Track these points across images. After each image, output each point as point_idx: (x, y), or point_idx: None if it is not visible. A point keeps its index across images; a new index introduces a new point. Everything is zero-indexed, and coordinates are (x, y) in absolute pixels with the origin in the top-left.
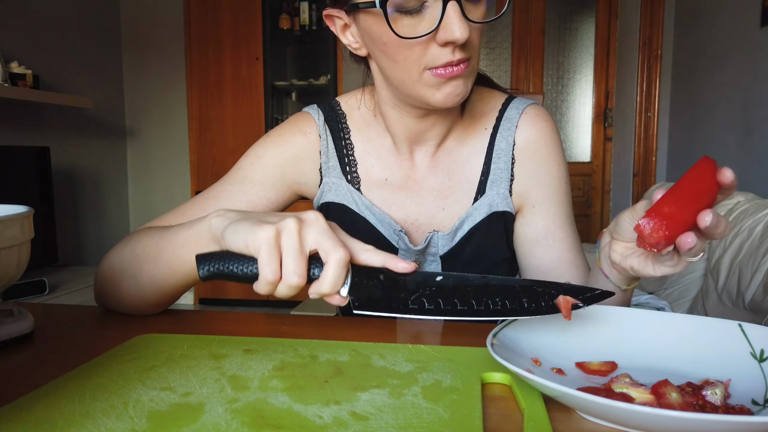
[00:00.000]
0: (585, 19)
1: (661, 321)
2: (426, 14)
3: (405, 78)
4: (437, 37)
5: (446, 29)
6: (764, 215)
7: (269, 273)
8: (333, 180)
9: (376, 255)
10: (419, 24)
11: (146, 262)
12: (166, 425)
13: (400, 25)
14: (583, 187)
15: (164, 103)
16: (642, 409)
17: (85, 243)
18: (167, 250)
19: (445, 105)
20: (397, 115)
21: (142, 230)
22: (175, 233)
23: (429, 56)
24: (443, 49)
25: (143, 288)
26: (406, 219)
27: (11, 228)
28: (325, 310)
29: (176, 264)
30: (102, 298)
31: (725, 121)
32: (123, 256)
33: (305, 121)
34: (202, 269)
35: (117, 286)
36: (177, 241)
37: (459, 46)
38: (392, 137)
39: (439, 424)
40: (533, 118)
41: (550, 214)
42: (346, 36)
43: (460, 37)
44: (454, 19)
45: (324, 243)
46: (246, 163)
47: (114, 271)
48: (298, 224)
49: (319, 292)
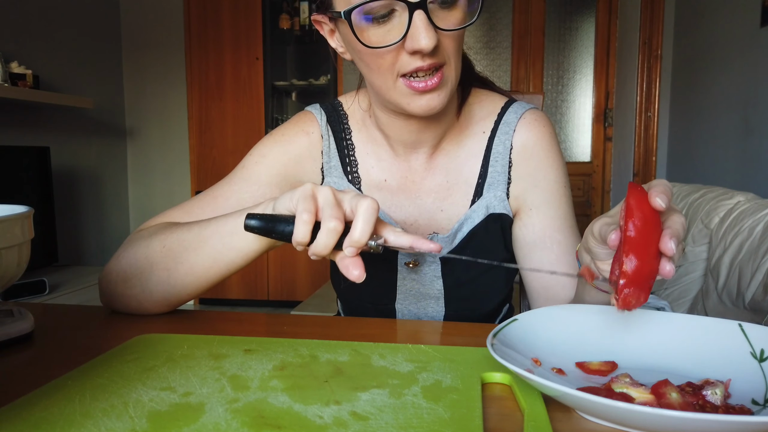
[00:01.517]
0: (585, 19)
1: (661, 321)
2: (395, 22)
3: (381, 85)
4: (405, 46)
5: (413, 38)
6: (764, 215)
7: (305, 215)
8: (334, 180)
9: (405, 236)
10: (389, 33)
11: (185, 253)
12: (167, 425)
13: (371, 33)
14: (583, 187)
15: (164, 103)
16: (642, 409)
17: (85, 243)
18: (213, 240)
19: (423, 114)
20: (388, 119)
21: (161, 226)
22: (222, 222)
23: (400, 63)
24: (413, 56)
25: (177, 280)
26: (405, 220)
27: (11, 228)
28: (325, 310)
29: (222, 252)
30: (114, 298)
31: (725, 121)
32: (151, 251)
33: (308, 121)
34: (249, 219)
35: (143, 281)
36: (225, 230)
37: (429, 53)
38: (387, 139)
39: (439, 424)
40: (531, 123)
41: (548, 218)
42: (334, 40)
43: (426, 46)
44: (420, 28)
45: (354, 199)
46: (250, 162)
47: (138, 268)
48: (332, 188)
49: (351, 241)
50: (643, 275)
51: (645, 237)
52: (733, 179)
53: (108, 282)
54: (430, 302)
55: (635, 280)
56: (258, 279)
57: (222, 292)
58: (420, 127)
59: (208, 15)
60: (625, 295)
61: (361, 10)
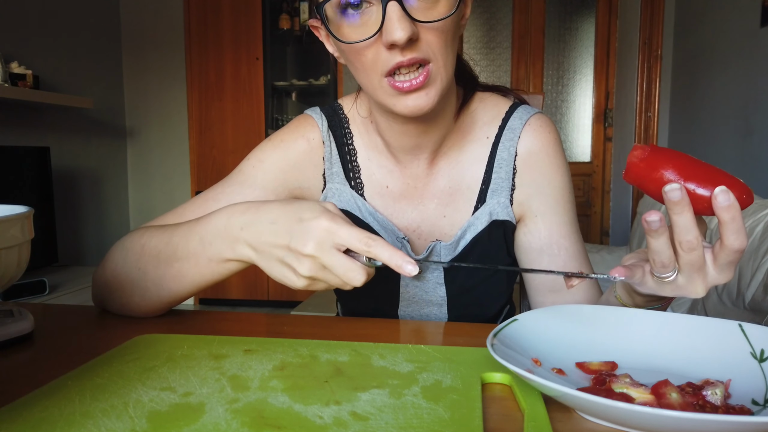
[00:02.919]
0: (585, 19)
1: (661, 321)
2: (372, 17)
3: (368, 84)
4: (382, 40)
5: (387, 30)
6: (764, 215)
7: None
8: (337, 186)
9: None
10: (364, 27)
11: (165, 268)
12: (166, 425)
13: (347, 29)
14: (583, 187)
15: (164, 103)
16: (642, 409)
17: (85, 243)
18: (195, 258)
19: (412, 115)
20: (386, 123)
21: (138, 238)
22: (186, 235)
23: (381, 61)
24: (391, 51)
25: (160, 292)
26: (408, 227)
27: (11, 228)
28: (326, 311)
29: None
30: (105, 303)
31: (725, 121)
32: (129, 268)
33: (308, 126)
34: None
35: (127, 294)
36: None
37: (408, 47)
38: (388, 146)
39: (439, 424)
40: (536, 129)
41: (554, 224)
42: (330, 44)
43: (399, 38)
44: (394, 20)
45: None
46: (247, 166)
47: (119, 283)
48: (316, 259)
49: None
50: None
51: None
52: None
53: (98, 288)
54: (433, 308)
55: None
56: (258, 279)
57: (222, 292)
58: (417, 131)
59: (208, 15)
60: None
61: (333, 3)
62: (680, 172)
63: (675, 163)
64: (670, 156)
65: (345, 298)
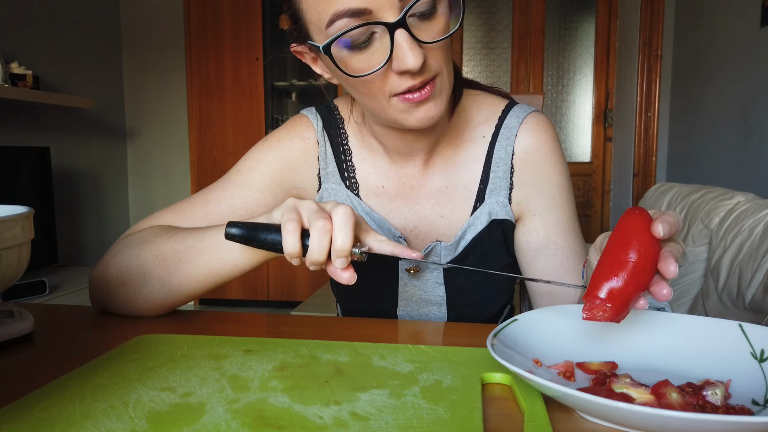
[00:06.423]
0: (585, 19)
1: (662, 321)
2: (377, 45)
3: (375, 107)
4: (392, 67)
5: (399, 59)
6: (764, 215)
7: (290, 224)
8: (332, 186)
9: (386, 244)
10: (372, 57)
11: (180, 264)
12: (166, 426)
13: (354, 61)
14: (583, 187)
15: (164, 103)
16: (642, 409)
17: (85, 243)
18: (207, 253)
19: (423, 127)
20: (383, 131)
21: (153, 232)
22: (217, 236)
23: (390, 85)
24: (402, 76)
25: (171, 288)
26: (404, 226)
27: (11, 228)
28: (325, 311)
29: (217, 265)
30: (107, 302)
31: (725, 121)
32: (144, 260)
33: (303, 126)
34: (230, 228)
35: (137, 289)
36: (219, 244)
37: (418, 71)
38: (383, 147)
39: (439, 424)
40: (533, 128)
41: (551, 223)
42: (318, 67)
43: (413, 65)
44: (405, 48)
45: (332, 207)
46: (245, 167)
47: (131, 275)
48: (314, 201)
49: (335, 251)
50: (624, 296)
51: (639, 260)
52: (733, 179)
53: (99, 287)
54: (432, 308)
55: (616, 299)
56: (258, 279)
57: (222, 293)
58: (416, 136)
59: (208, 15)
60: (596, 307)
61: (340, 41)
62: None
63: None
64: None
65: (344, 298)
